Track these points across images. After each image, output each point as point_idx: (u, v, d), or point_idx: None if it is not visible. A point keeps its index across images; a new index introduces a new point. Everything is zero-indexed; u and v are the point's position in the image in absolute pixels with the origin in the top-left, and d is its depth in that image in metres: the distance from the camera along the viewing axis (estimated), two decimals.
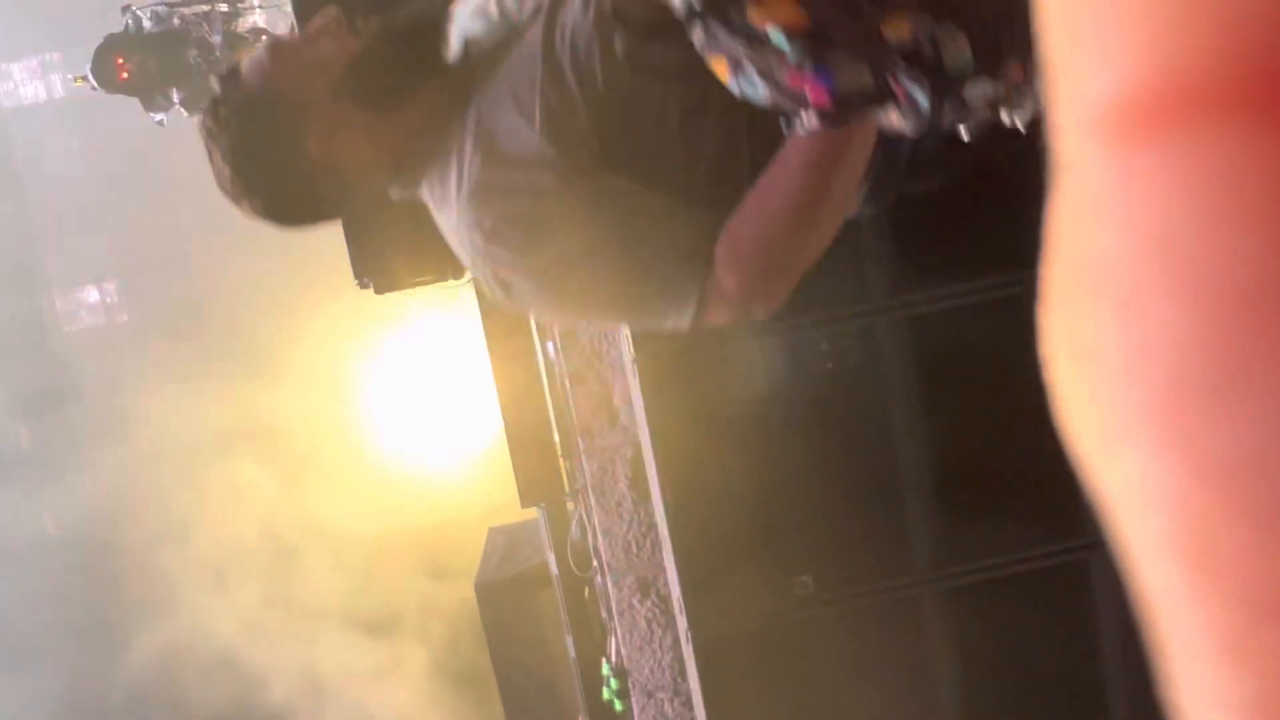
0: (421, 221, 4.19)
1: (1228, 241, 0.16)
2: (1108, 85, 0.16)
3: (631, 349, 3.92)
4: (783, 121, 1.38)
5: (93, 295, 15.76)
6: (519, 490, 5.23)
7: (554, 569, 5.43)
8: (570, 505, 5.25)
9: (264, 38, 6.87)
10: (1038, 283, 0.19)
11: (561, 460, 5.14)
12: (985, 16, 1.25)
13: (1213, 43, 0.16)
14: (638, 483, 4.66)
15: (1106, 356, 0.17)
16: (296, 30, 4.25)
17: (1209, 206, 0.16)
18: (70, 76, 7.63)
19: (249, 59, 1.69)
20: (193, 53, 6.57)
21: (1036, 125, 1.35)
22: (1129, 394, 0.17)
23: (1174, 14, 0.16)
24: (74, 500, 13.57)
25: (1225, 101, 0.16)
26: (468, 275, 4.44)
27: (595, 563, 5.00)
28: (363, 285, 4.27)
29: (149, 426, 13.54)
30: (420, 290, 4.62)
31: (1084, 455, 0.18)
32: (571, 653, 5.50)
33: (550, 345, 4.79)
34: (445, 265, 4.19)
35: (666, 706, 4.75)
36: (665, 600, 4.69)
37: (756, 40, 1.24)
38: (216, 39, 6.58)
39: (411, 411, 11.74)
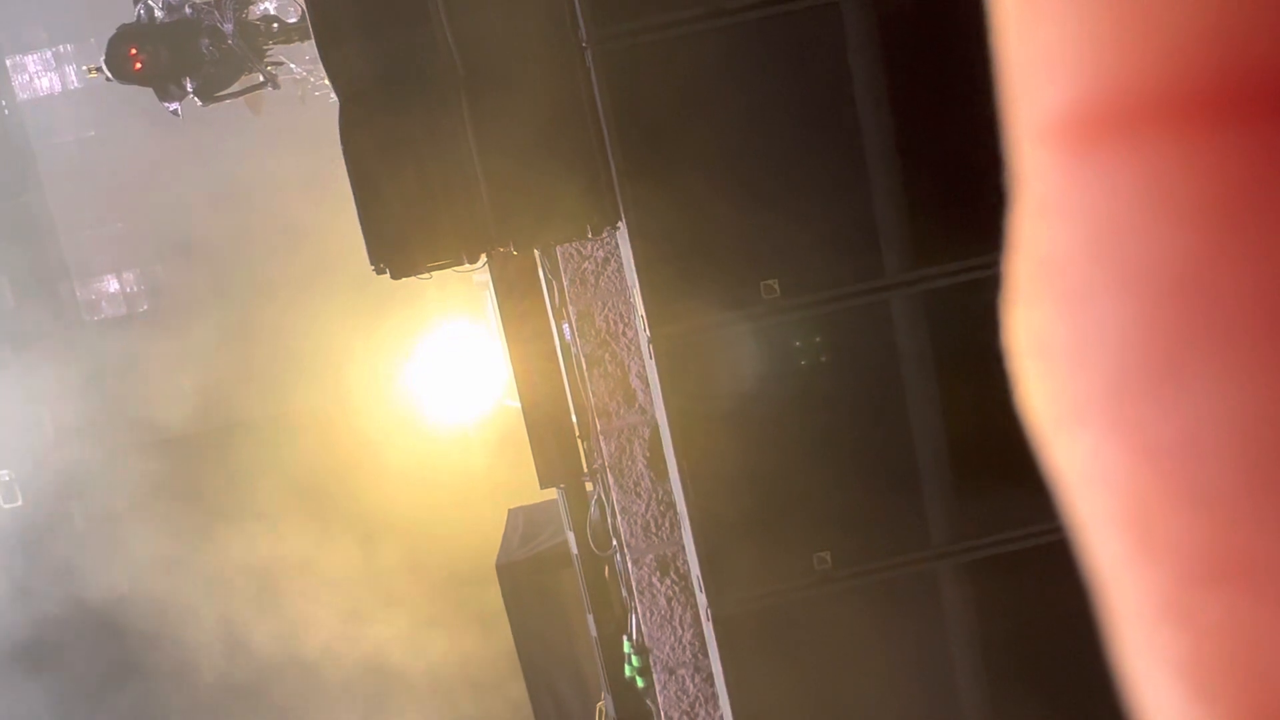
0: (438, 208, 4.21)
1: (1162, 242, 0.17)
2: (1057, 99, 0.18)
3: (648, 329, 3.94)
4: None
5: (113, 285, 15.88)
6: (537, 471, 5.27)
7: (574, 548, 5.46)
8: (589, 485, 5.28)
9: (275, 25, 6.89)
10: None
11: (579, 441, 5.16)
12: None
13: (1149, 64, 0.17)
14: (656, 462, 4.69)
15: (1058, 348, 0.19)
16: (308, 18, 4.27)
17: (1145, 210, 0.18)
18: (84, 68, 7.68)
19: None
20: (205, 41, 6.59)
21: None
22: (1077, 382, 0.18)
23: (1116, 38, 0.17)
24: (101, 490, 13.72)
25: (1159, 115, 0.17)
26: (482, 260, 4.46)
27: (615, 542, 5.04)
28: (378, 271, 4.29)
29: (172, 417, 13.66)
30: (435, 274, 4.64)
31: (1042, 437, 0.20)
32: (593, 631, 5.55)
33: (566, 327, 4.81)
34: (460, 250, 4.21)
35: (688, 683, 4.79)
36: (685, 578, 4.73)
37: None
38: (228, 27, 6.60)
39: (428, 395, 11.79)
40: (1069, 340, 0.18)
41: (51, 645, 13.00)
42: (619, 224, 3.98)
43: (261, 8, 7.19)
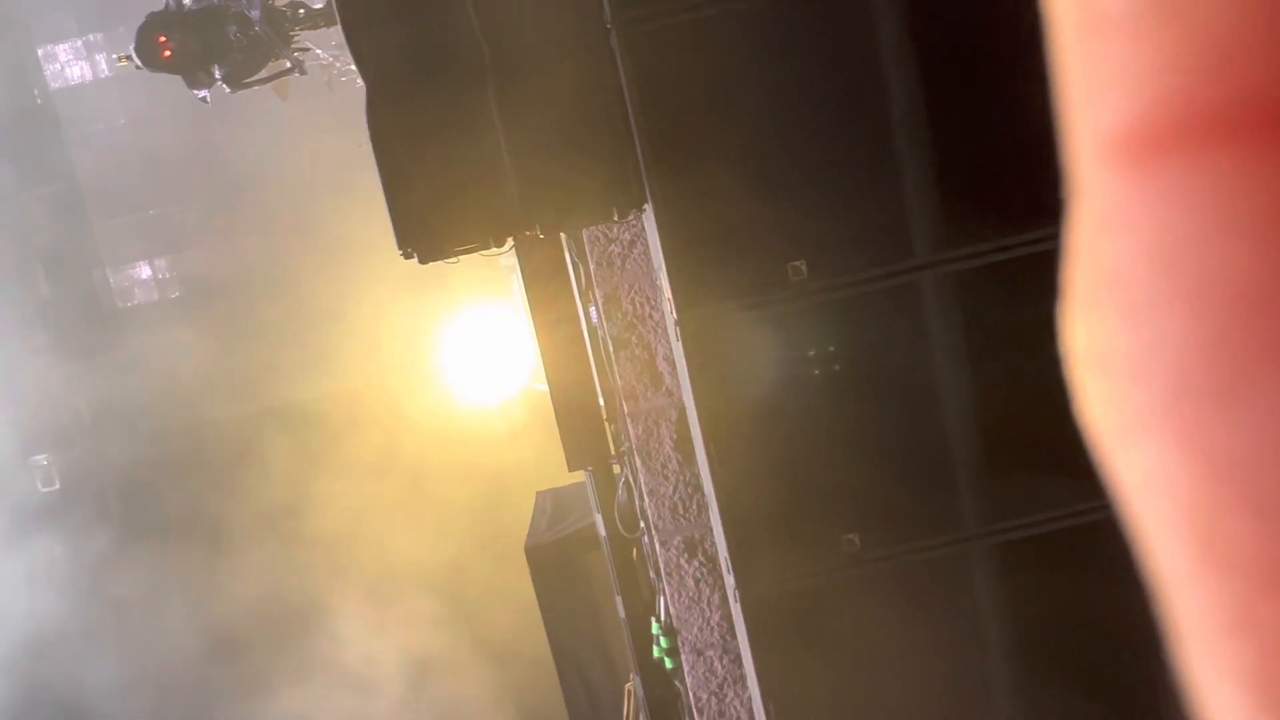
0: (465, 192, 4.22)
1: (1225, 257, 0.18)
2: (1117, 116, 0.18)
3: (674, 311, 3.93)
4: None
5: (144, 271, 16.04)
6: (565, 454, 5.29)
7: (602, 531, 5.49)
8: (616, 468, 5.30)
9: (301, 11, 6.91)
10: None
11: (607, 424, 5.17)
12: None
13: (1209, 80, 0.17)
14: (683, 444, 4.69)
15: (1120, 359, 0.19)
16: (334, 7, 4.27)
17: (1207, 225, 0.18)
18: (115, 56, 7.73)
19: None
20: (233, 29, 6.62)
21: None
22: (1141, 394, 0.19)
23: (1174, 55, 0.18)
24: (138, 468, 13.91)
25: (1220, 131, 0.17)
26: (509, 244, 4.47)
27: (643, 524, 5.05)
28: (406, 255, 4.31)
29: (203, 402, 13.81)
30: (463, 259, 4.65)
31: (1102, 447, 0.20)
32: (621, 612, 5.58)
33: (593, 310, 4.82)
34: (487, 234, 4.22)
35: (716, 664, 4.82)
36: (712, 559, 4.74)
37: None
38: (255, 14, 6.63)
39: (456, 379, 11.85)
40: (1130, 351, 0.19)
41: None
42: (645, 206, 3.98)
43: None
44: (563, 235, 4.73)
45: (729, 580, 4.14)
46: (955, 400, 3.73)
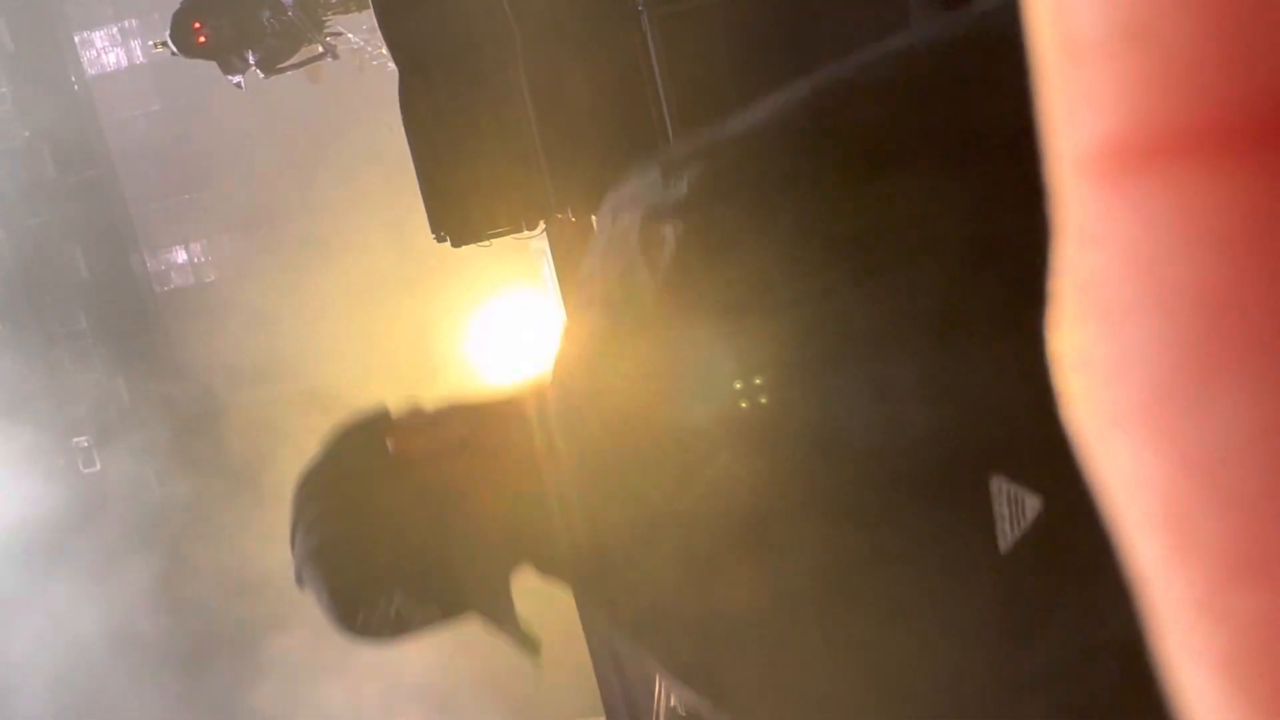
0: (497, 175, 4.23)
1: (1197, 265, 0.19)
2: (1094, 135, 0.20)
3: None
4: None
5: (181, 256, 16.25)
6: None
7: None
8: None
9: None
10: None
11: None
12: None
13: (1177, 101, 0.19)
14: None
15: (1100, 363, 0.20)
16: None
17: (1177, 237, 0.19)
18: (150, 42, 7.82)
19: None
20: (266, 14, 6.66)
21: None
22: (1119, 396, 0.20)
23: (1145, 78, 0.19)
24: (182, 454, 14.14)
25: (1188, 149, 0.19)
26: (541, 227, 4.49)
27: None
28: (439, 239, 4.33)
29: (239, 386, 13.98)
30: (495, 243, 4.67)
31: (1085, 446, 0.21)
32: None
33: None
34: (519, 216, 4.24)
35: None
36: None
37: None
38: None
39: (487, 365, 11.92)
40: (1109, 356, 0.20)
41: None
42: None
43: None
44: (594, 218, 4.74)
45: None
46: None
